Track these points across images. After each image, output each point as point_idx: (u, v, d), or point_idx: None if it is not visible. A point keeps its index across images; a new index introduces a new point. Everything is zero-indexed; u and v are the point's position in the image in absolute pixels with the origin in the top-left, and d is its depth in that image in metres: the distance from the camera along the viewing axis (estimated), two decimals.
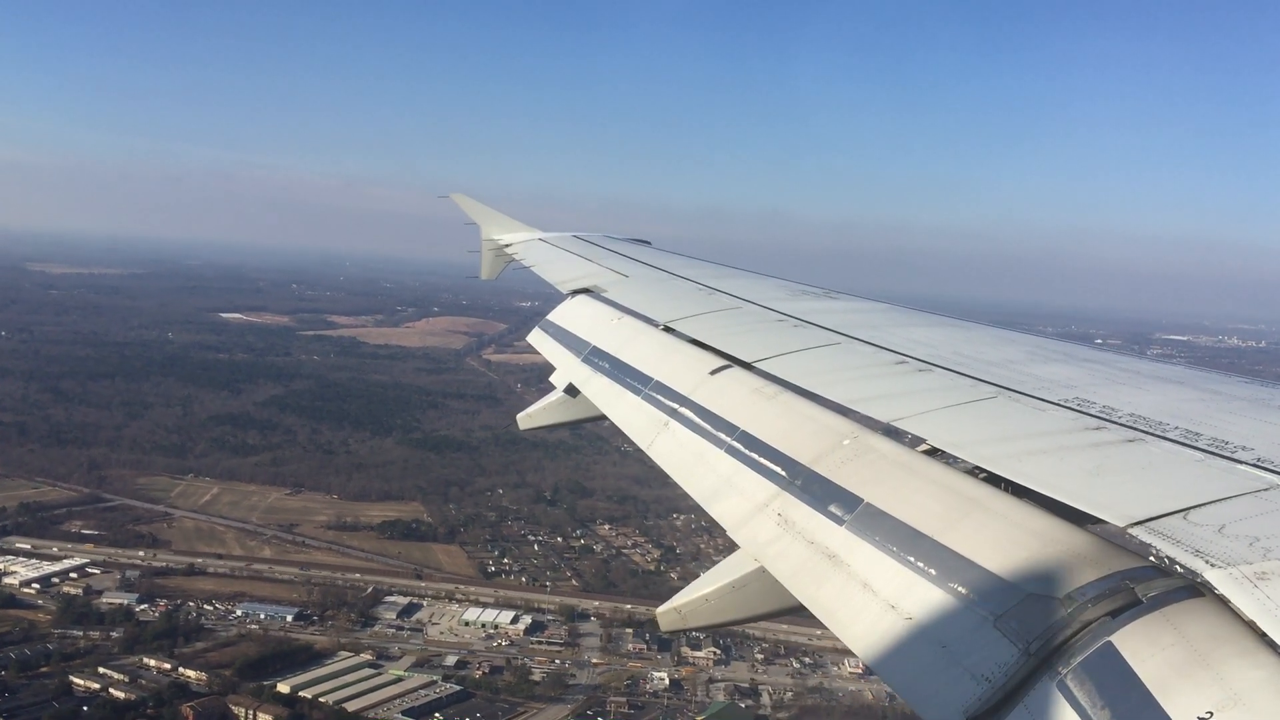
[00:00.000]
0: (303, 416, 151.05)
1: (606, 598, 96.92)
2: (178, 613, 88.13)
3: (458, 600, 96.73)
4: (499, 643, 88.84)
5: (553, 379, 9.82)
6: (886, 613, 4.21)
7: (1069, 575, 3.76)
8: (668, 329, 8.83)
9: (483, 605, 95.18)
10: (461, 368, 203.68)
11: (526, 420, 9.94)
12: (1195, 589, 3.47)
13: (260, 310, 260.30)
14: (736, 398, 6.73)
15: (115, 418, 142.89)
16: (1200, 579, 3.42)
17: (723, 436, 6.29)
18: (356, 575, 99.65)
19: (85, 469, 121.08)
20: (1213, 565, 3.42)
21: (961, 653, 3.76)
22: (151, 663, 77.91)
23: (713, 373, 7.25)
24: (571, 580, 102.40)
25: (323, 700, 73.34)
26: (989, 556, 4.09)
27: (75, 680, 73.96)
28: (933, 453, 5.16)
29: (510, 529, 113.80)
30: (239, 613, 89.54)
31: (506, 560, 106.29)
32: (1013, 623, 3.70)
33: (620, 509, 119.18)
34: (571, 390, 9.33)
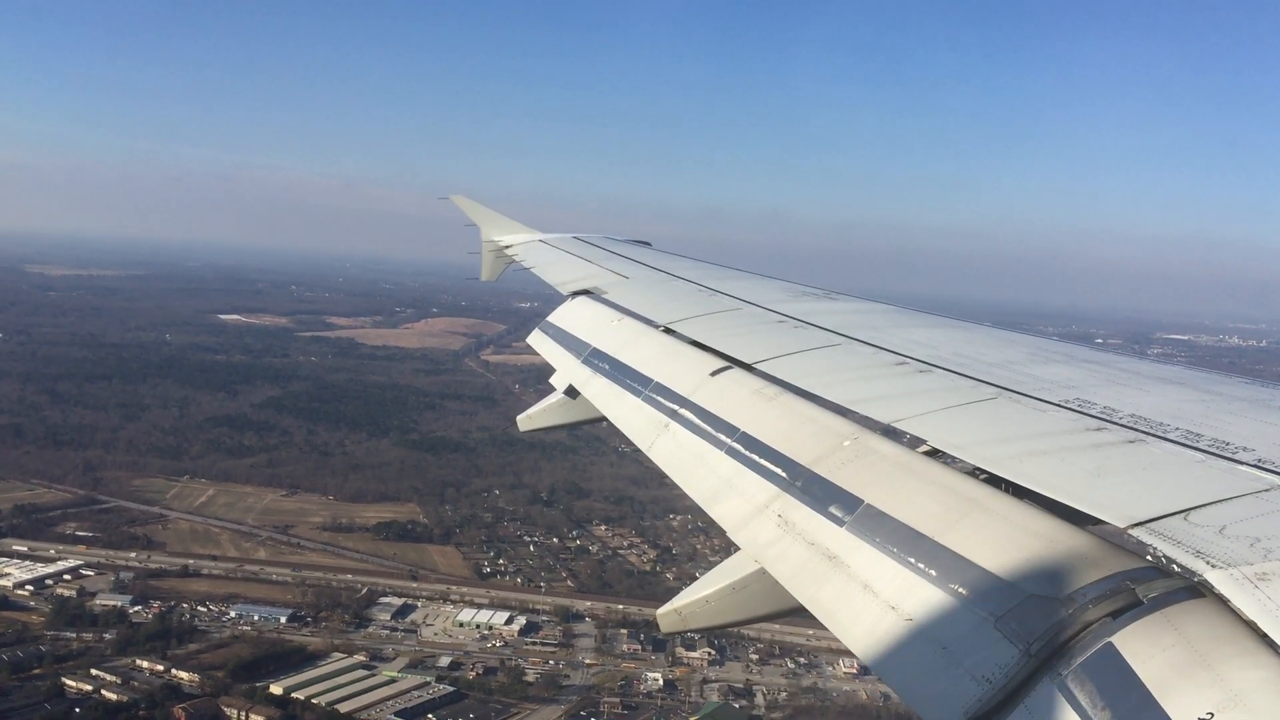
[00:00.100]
0: (299, 418, 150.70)
1: (601, 598, 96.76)
2: (171, 614, 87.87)
3: (452, 601, 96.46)
4: (493, 644, 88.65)
5: (553, 380, 9.81)
6: (887, 614, 4.21)
7: (1070, 576, 3.77)
8: (668, 330, 8.83)
9: (477, 606, 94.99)
10: (460, 369, 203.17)
11: (526, 422, 9.93)
12: (1196, 590, 3.47)
13: (259, 311, 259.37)
14: (737, 399, 6.74)
15: (112, 419, 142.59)
16: (1201, 579, 3.43)
17: (723, 438, 6.29)
18: (351, 576, 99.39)
19: (81, 471, 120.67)
20: (1213, 566, 3.43)
21: (962, 654, 3.77)
22: (144, 664, 77.62)
23: (713, 374, 7.25)
24: (567, 581, 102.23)
25: (315, 701, 73.12)
26: (989, 557, 4.09)
27: (67, 682, 73.69)
28: (933, 454, 5.17)
29: (506, 530, 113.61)
30: (233, 614, 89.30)
31: (502, 561, 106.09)
32: (1013, 623, 3.71)
33: (616, 510, 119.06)
34: (571, 392, 9.32)
